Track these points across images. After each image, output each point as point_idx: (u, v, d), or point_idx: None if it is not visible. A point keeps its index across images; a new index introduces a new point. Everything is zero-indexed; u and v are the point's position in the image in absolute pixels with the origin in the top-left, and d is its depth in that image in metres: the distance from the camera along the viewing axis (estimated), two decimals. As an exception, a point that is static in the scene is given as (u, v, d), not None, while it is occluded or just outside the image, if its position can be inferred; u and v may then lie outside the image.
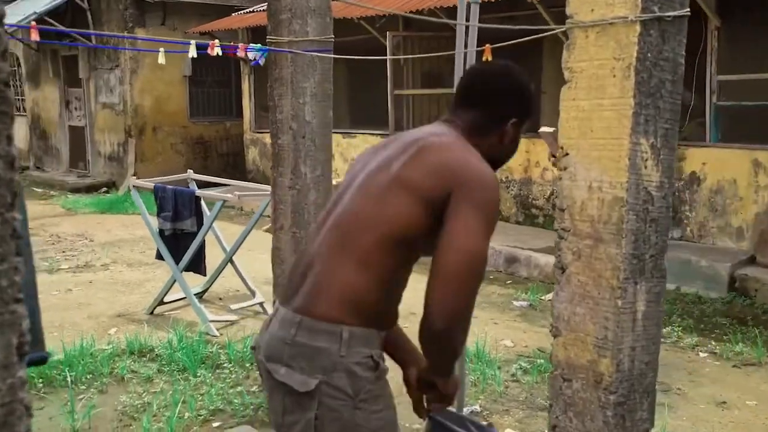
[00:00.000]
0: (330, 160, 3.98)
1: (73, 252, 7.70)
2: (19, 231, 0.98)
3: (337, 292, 1.68)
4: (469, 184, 1.74)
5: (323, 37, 3.87)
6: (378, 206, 1.72)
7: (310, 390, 1.62)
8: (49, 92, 14.58)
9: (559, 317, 2.53)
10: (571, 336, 2.49)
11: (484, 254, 1.73)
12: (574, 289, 2.46)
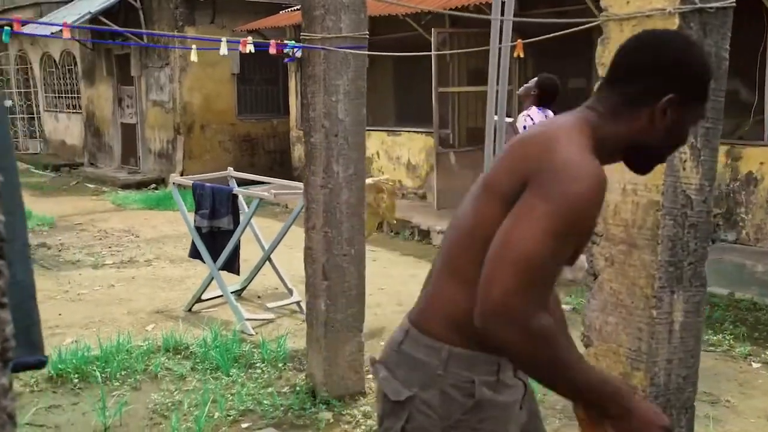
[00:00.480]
0: (363, 159, 3.91)
1: (119, 248, 7.80)
2: (2, 233, 0.92)
3: (440, 309, 1.57)
4: (546, 174, 1.41)
5: (357, 33, 3.79)
6: (470, 216, 1.55)
7: (401, 400, 1.55)
8: (103, 90, 14.88)
9: (590, 326, 2.40)
10: (603, 347, 2.36)
11: (540, 261, 1.37)
12: (606, 297, 2.33)
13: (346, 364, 3.96)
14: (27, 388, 4.13)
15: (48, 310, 5.55)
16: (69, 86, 16.50)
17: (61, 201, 11.30)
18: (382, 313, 5.51)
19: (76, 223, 9.31)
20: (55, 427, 3.71)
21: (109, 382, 4.20)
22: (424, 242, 8.29)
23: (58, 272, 6.75)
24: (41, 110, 18.04)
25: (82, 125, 15.75)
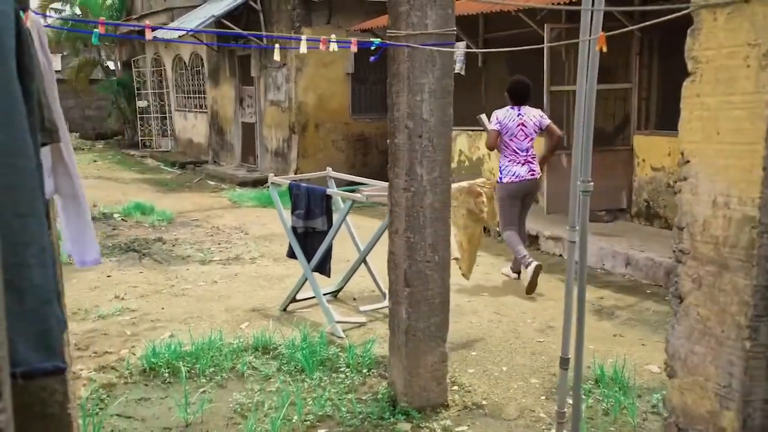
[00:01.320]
0: (449, 161, 3.73)
1: (228, 244, 8.00)
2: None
3: None
4: None
5: (444, 30, 3.62)
6: None
7: None
8: (226, 90, 15.43)
9: (674, 355, 2.13)
10: (689, 379, 2.08)
11: None
12: (692, 323, 2.06)
13: (428, 374, 3.81)
14: (121, 380, 4.26)
15: (153, 303, 5.75)
16: (196, 87, 17.24)
17: (183, 197, 11.79)
18: (477, 322, 5.31)
19: (193, 219, 9.66)
20: (141, 420, 3.78)
21: (197, 378, 4.26)
22: (531, 248, 7.96)
23: (168, 267, 6.99)
24: (172, 110, 18.98)
25: (207, 124, 16.42)
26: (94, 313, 5.48)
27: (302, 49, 3.55)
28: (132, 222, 9.44)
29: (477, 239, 5.03)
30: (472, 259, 5.06)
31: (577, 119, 2.92)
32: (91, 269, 6.86)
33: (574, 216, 2.96)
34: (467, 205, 4.91)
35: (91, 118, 25.21)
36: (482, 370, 4.41)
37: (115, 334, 5.05)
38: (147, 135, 19.83)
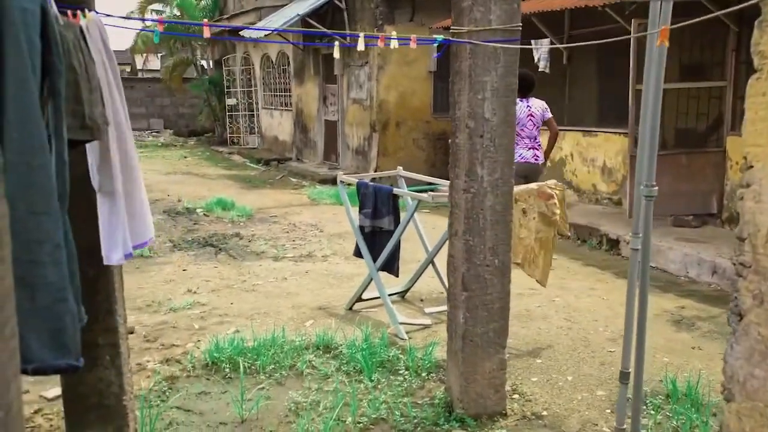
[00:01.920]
0: (512, 162, 3.60)
1: (302, 241, 8.07)
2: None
3: None
4: None
5: (509, 25, 3.50)
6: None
7: None
8: (310, 88, 15.62)
9: (732, 377, 1.95)
10: (747, 405, 1.91)
11: None
12: (752, 343, 1.88)
13: (486, 381, 3.69)
14: (184, 373, 4.33)
15: (222, 298, 5.85)
16: (282, 85, 17.54)
17: (264, 194, 12.00)
18: (546, 329, 5.13)
19: (271, 216, 9.80)
20: (199, 414, 3.83)
21: (256, 374, 4.28)
22: (611, 252, 7.68)
23: (242, 262, 7.11)
24: (259, 108, 19.38)
25: (291, 122, 16.68)
26: (166, 306, 5.62)
27: (360, 47, 3.50)
28: (213, 217, 9.67)
29: (551, 244, 4.84)
30: (546, 264, 4.88)
31: (642, 120, 2.74)
32: (169, 262, 7.06)
33: (637, 222, 2.79)
34: (539, 208, 4.74)
35: (184, 115, 26.09)
36: (546, 379, 4.25)
37: (183, 327, 5.15)
38: (235, 132, 20.33)
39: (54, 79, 1.80)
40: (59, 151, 1.87)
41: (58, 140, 1.86)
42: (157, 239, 8.17)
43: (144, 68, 37.78)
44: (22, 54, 1.47)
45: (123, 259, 2.70)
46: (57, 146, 1.87)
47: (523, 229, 4.69)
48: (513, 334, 4.94)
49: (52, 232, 1.52)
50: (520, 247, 4.69)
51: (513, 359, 4.53)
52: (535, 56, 9.42)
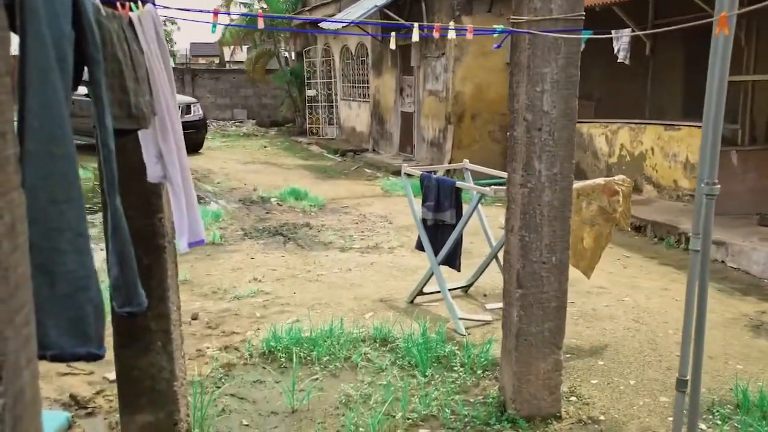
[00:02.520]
0: (572, 156, 3.48)
1: (370, 233, 8.07)
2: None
3: None
4: None
5: (571, 15, 3.37)
6: None
7: None
8: (387, 80, 15.62)
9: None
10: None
11: None
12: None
13: (540, 382, 3.59)
14: (241, 361, 4.39)
15: (286, 287, 5.92)
16: (361, 76, 17.62)
17: (338, 184, 12.08)
18: (612, 329, 4.96)
19: (343, 206, 9.86)
20: (252, 402, 3.88)
21: (311, 365, 4.30)
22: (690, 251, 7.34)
23: (309, 252, 7.17)
24: (338, 99, 19.54)
25: (369, 113, 16.73)
26: (231, 294, 5.73)
27: (414, 37, 3.44)
28: (285, 207, 9.80)
29: (605, 239, 4.66)
30: (594, 258, 4.70)
31: (705, 114, 2.58)
32: (239, 251, 7.20)
33: (697, 221, 2.63)
34: (600, 202, 4.57)
35: (267, 106, 26.57)
36: (606, 382, 4.10)
37: (245, 315, 5.24)
38: (314, 123, 20.57)
39: (92, 69, 1.83)
40: (103, 140, 1.90)
41: (101, 129, 1.90)
42: (229, 227, 8.36)
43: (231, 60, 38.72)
44: (44, 45, 1.49)
45: (188, 247, 2.74)
46: (101, 135, 1.91)
47: (576, 219, 4.53)
48: (576, 334, 4.81)
49: (74, 220, 1.54)
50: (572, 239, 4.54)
51: (573, 360, 4.40)
52: (615, 47, 9.09)
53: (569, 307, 5.30)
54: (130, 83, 2.19)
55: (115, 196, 1.88)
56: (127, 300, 1.93)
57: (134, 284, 1.93)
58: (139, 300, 1.95)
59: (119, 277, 1.91)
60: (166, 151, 2.57)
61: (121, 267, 1.90)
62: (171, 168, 2.57)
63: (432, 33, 3.36)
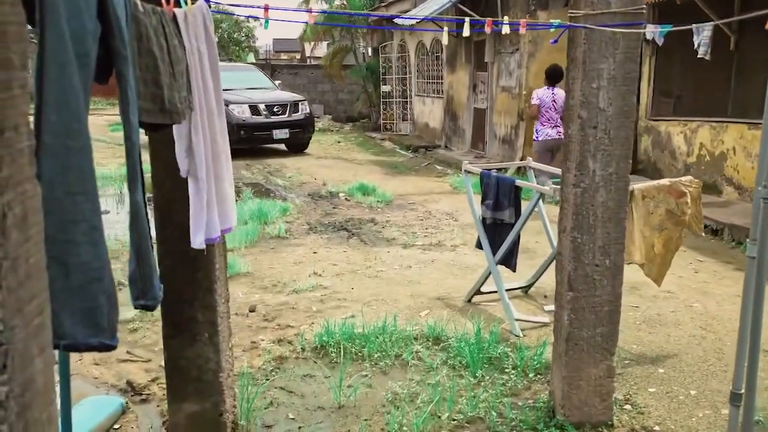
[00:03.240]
0: (629, 156, 3.35)
1: (434, 230, 8.02)
2: None
3: None
4: None
5: (631, 8, 3.23)
6: None
7: None
8: (461, 76, 15.48)
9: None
10: None
11: None
12: None
13: (591, 388, 3.47)
14: (293, 354, 4.43)
15: (345, 283, 5.94)
16: (435, 72, 17.53)
17: (407, 180, 12.06)
18: (677, 336, 4.75)
19: (410, 203, 9.83)
20: (300, 396, 3.90)
21: (362, 361, 4.30)
22: None
23: (372, 248, 7.18)
24: (412, 95, 19.50)
25: (442, 109, 16.63)
26: (290, 287, 5.78)
27: (465, 32, 3.38)
28: (353, 202, 9.85)
29: (675, 243, 4.46)
30: (665, 264, 4.50)
31: (766, 111, 2.42)
32: (302, 245, 7.27)
33: (755, 226, 2.48)
34: (667, 206, 4.37)
35: (343, 101, 26.79)
36: (665, 391, 3.93)
37: (302, 309, 5.28)
38: (388, 118, 20.60)
39: (118, 64, 1.86)
40: (127, 134, 1.94)
41: (126, 123, 1.93)
42: (295, 221, 8.46)
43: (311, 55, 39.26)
44: (63, 39, 1.51)
45: (204, 243, 2.76)
46: (125, 129, 1.94)
47: (647, 227, 4.35)
48: (637, 340, 4.64)
49: (89, 212, 1.57)
50: (644, 246, 4.36)
51: (631, 366, 4.24)
52: (695, 41, 8.72)
53: (632, 311, 5.17)
54: (165, 78, 2.22)
55: (136, 191, 1.91)
56: (143, 293, 1.96)
57: (150, 278, 1.96)
58: (153, 293, 1.98)
59: (136, 270, 1.93)
60: (197, 145, 2.59)
61: (138, 261, 1.93)
62: (198, 163, 2.60)
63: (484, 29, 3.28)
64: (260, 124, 14.55)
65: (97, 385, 4.10)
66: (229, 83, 15.19)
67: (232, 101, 13.90)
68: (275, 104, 14.94)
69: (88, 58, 1.65)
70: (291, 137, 15.07)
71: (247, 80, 16.01)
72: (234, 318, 5.10)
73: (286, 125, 14.84)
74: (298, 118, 15.17)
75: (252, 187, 11.06)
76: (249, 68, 17.79)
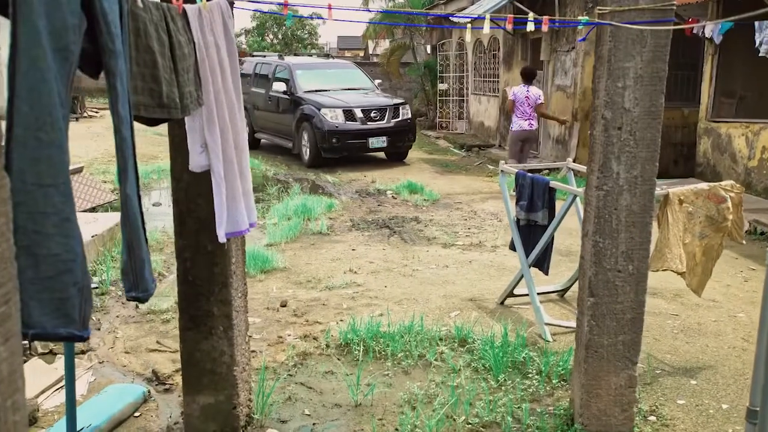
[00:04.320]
0: (655, 158, 3.22)
1: (477, 230, 7.92)
2: None
3: None
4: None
5: (660, 4, 3.11)
6: None
7: None
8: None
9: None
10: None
11: None
12: None
13: (610, 397, 3.36)
14: (318, 350, 4.44)
15: (379, 281, 5.92)
16: (492, 70, 17.33)
17: (457, 179, 11.96)
18: (715, 347, 4.57)
19: (456, 202, 9.74)
20: (319, 392, 3.91)
21: (385, 360, 4.28)
22: None
23: (411, 246, 7.14)
24: (469, 93, 19.34)
25: (497, 108, 16.44)
26: (324, 284, 5.80)
27: (485, 29, 3.31)
28: (399, 200, 9.82)
29: (716, 251, 4.28)
30: (706, 272, 4.32)
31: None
32: (342, 241, 7.29)
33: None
34: (707, 211, 4.20)
35: (401, 99, 26.76)
36: (695, 404, 3.78)
37: (333, 305, 5.29)
38: (444, 117, 20.49)
39: (107, 59, 1.88)
40: (116, 127, 1.96)
41: (115, 116, 1.95)
42: (338, 218, 8.48)
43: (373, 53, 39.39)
44: (35, 33, 1.54)
45: (225, 236, 2.79)
46: (114, 122, 1.96)
47: (687, 234, 4.19)
48: (672, 349, 4.50)
49: (60, 204, 1.59)
50: (684, 254, 4.20)
51: (662, 376, 4.10)
52: (757, 39, 8.37)
53: (671, 319, 5.01)
54: (165, 73, 2.24)
55: (126, 184, 1.93)
56: (134, 285, 1.98)
57: (141, 271, 1.97)
58: (145, 286, 1.99)
59: (127, 263, 1.96)
60: (211, 141, 2.61)
61: (129, 253, 1.95)
62: (214, 159, 2.62)
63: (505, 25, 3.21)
64: (355, 131, 12.88)
65: (125, 373, 4.19)
66: (325, 82, 14.29)
67: (324, 105, 12.95)
68: (372, 108, 13.29)
69: (68, 52, 1.67)
70: (389, 145, 13.38)
71: (344, 79, 14.87)
72: (264, 312, 5.15)
73: (384, 132, 13.15)
74: (398, 124, 13.44)
75: (300, 182, 11.16)
76: (347, 65, 16.71)
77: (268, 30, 41.40)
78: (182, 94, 2.35)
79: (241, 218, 2.82)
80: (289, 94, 13.74)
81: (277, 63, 15.12)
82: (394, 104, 13.73)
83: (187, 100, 2.39)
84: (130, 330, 4.83)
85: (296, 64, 14.92)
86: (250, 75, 15.44)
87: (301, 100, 13.34)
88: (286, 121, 13.78)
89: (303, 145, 13.24)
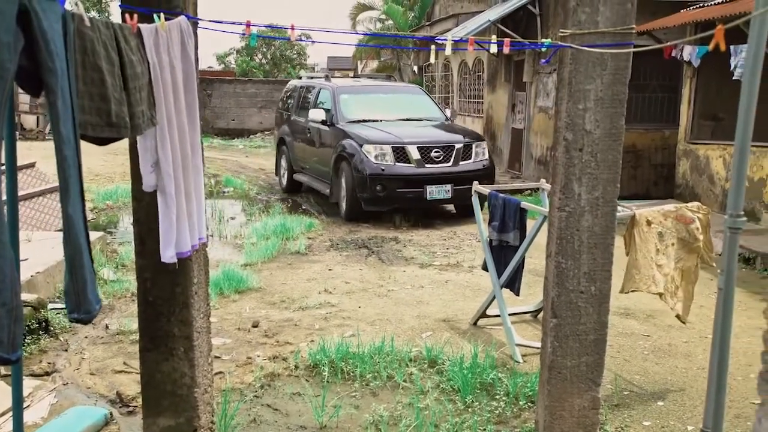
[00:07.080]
0: (616, 180, 3.23)
1: (455, 250, 7.91)
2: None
3: None
4: None
5: (619, 28, 3.14)
6: None
7: None
8: (500, 95, 15.36)
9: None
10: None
11: None
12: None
13: (574, 419, 3.34)
14: (286, 372, 4.40)
15: (353, 301, 5.90)
16: (476, 91, 17.44)
17: (439, 199, 11.95)
18: (684, 368, 4.57)
19: (436, 222, 9.73)
20: (285, 414, 3.87)
21: (353, 381, 4.24)
22: None
23: (388, 267, 7.12)
24: (455, 114, 19.43)
25: (481, 129, 16.52)
26: (298, 304, 5.77)
27: (447, 51, 3.33)
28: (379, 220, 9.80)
29: (693, 273, 4.28)
30: (688, 296, 4.33)
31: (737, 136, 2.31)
32: (320, 261, 7.26)
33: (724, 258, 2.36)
34: (678, 233, 4.21)
35: (388, 119, 26.86)
36: (660, 425, 3.77)
37: (305, 326, 5.25)
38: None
39: (46, 77, 1.87)
40: (58, 146, 1.95)
41: (56, 136, 1.94)
42: (318, 238, 8.46)
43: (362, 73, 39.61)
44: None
45: (174, 257, 2.76)
46: (55, 141, 1.95)
47: (662, 256, 4.19)
48: (642, 370, 4.49)
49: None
50: (659, 276, 4.21)
51: (630, 398, 4.09)
52: (732, 63, 8.47)
53: (642, 340, 5.01)
54: (114, 92, 2.23)
55: (68, 204, 1.91)
56: (77, 307, 1.95)
57: (83, 292, 1.95)
58: (87, 307, 1.97)
59: (70, 284, 1.93)
60: (163, 160, 2.60)
61: (72, 274, 1.93)
62: (166, 178, 2.60)
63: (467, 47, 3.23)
64: (407, 176, 9.37)
65: (88, 395, 4.14)
66: (377, 111, 10.87)
67: (368, 140, 9.54)
68: (434, 146, 9.66)
69: (3, 70, 1.66)
70: (456, 196, 9.54)
71: (404, 107, 11.30)
72: (236, 333, 5.11)
73: (449, 179, 9.51)
74: (471, 169, 9.68)
75: (282, 203, 11.13)
76: (411, 90, 12.78)
77: (257, 50, 41.53)
78: (133, 113, 2.34)
79: (184, 240, 2.80)
80: (329, 124, 10.46)
81: (321, 86, 11.66)
82: (465, 142, 10.02)
83: (138, 119, 2.38)
84: (98, 351, 4.78)
85: (341, 87, 11.44)
86: (291, 101, 12.64)
87: (343, 133, 9.98)
88: (324, 160, 10.49)
89: (341, 192, 9.87)
